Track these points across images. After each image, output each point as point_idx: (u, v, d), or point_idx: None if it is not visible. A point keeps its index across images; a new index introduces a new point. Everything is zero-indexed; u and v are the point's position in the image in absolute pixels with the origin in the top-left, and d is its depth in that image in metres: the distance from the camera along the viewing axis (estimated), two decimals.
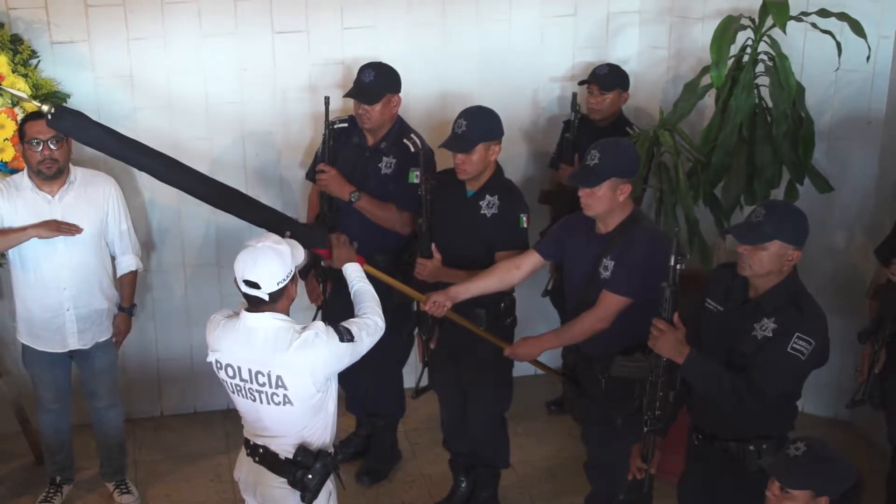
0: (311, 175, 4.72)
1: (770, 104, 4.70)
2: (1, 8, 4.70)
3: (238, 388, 3.43)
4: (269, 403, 3.39)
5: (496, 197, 4.24)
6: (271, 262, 3.33)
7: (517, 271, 4.13)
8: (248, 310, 3.40)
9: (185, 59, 5.00)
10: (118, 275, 4.62)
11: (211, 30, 4.97)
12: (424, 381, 4.58)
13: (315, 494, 3.48)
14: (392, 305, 4.43)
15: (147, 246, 5.11)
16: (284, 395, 3.37)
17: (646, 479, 3.73)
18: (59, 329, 4.46)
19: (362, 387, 5.00)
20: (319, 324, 3.46)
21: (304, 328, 3.41)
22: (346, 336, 3.44)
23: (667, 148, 4.68)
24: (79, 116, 3.78)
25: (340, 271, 4.63)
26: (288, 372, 3.34)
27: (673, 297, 3.47)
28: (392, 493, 4.95)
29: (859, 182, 5.08)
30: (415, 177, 4.45)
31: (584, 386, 4.14)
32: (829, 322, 3.49)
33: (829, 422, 5.31)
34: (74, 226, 4.28)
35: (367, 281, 3.79)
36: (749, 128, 4.73)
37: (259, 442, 3.50)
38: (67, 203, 4.35)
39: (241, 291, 3.39)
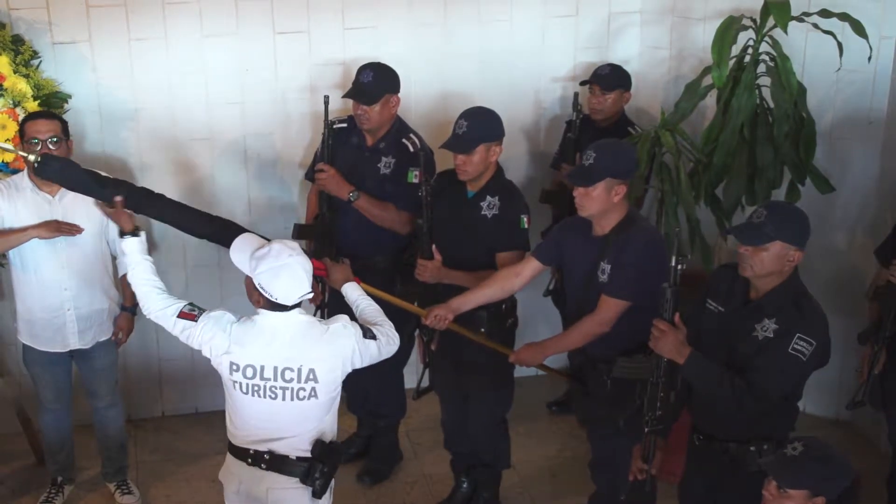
0: (311, 175, 4.73)
1: (771, 104, 4.70)
2: (2, 8, 4.71)
3: (256, 388, 3.40)
4: (292, 399, 3.39)
5: (497, 198, 4.24)
6: (307, 268, 3.38)
7: (517, 278, 4.13)
8: (271, 310, 3.38)
9: (186, 60, 5.00)
10: (120, 274, 4.62)
11: (212, 30, 4.98)
12: (425, 383, 4.57)
13: (325, 487, 3.49)
14: (393, 307, 4.44)
15: (148, 246, 5.10)
16: (312, 389, 3.38)
17: (647, 480, 3.72)
18: (59, 329, 4.46)
19: (363, 387, 5.00)
20: (344, 316, 3.49)
21: (327, 321, 3.47)
22: (368, 334, 3.49)
23: (668, 148, 4.68)
24: (65, 163, 3.78)
25: None
26: (322, 363, 3.37)
27: (674, 297, 3.47)
28: (393, 494, 4.95)
29: (860, 182, 5.08)
30: (414, 177, 4.46)
31: (590, 386, 4.15)
32: (830, 322, 3.49)
33: (830, 422, 5.31)
34: (75, 226, 4.28)
35: (369, 298, 3.79)
36: (750, 128, 4.73)
37: (262, 448, 3.46)
38: (68, 203, 4.34)
39: (276, 303, 3.36)
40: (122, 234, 3.70)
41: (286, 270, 3.32)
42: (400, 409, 5.07)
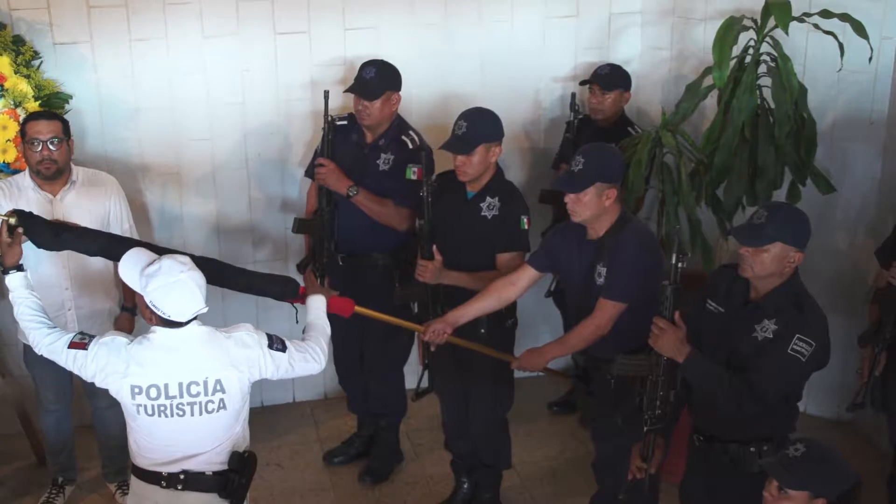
0: (310, 172, 4.73)
1: (772, 105, 4.70)
2: (3, 9, 4.71)
3: (163, 408, 3.29)
4: (201, 414, 3.31)
5: (496, 198, 4.24)
6: (200, 283, 3.28)
7: (513, 288, 4.13)
8: (168, 326, 3.28)
9: (186, 60, 5.00)
10: None
11: (213, 31, 4.98)
12: (425, 383, 4.57)
13: (243, 498, 3.46)
14: (394, 306, 4.44)
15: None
16: (221, 401, 3.31)
17: (646, 479, 3.72)
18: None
19: (363, 387, 5.01)
20: (247, 325, 3.41)
21: (229, 329, 3.38)
22: (276, 344, 3.40)
23: (669, 149, 4.68)
24: (36, 219, 3.67)
25: (340, 265, 4.66)
26: (227, 373, 3.30)
27: (674, 295, 3.47)
28: (394, 494, 4.95)
29: (861, 183, 5.07)
30: (412, 173, 4.47)
31: (594, 386, 4.15)
32: (831, 323, 3.49)
33: (832, 423, 5.30)
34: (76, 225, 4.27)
35: (324, 318, 3.70)
36: (751, 129, 4.73)
37: (175, 469, 3.37)
38: (69, 203, 4.34)
39: (170, 321, 3.26)
40: (6, 269, 3.53)
41: (178, 287, 3.22)
42: (401, 408, 5.07)
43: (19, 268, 3.53)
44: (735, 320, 3.49)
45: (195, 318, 3.31)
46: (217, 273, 3.76)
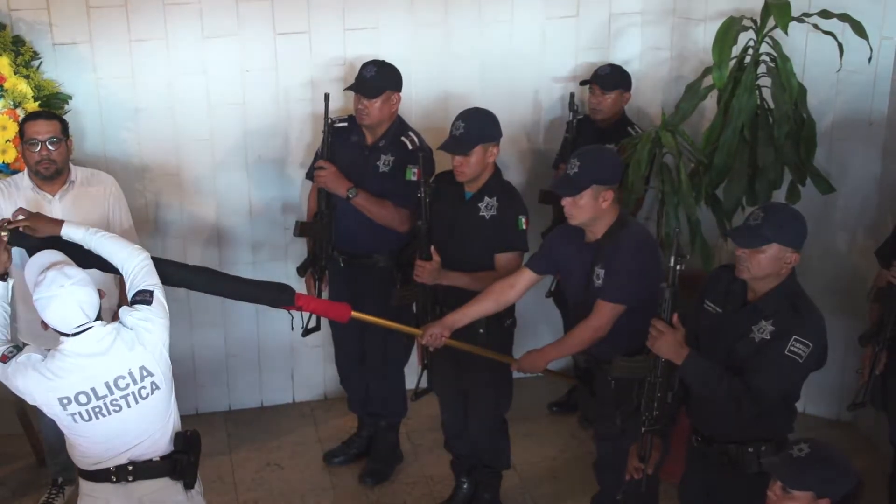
0: (311, 174, 4.73)
1: (772, 105, 4.70)
2: (3, 9, 4.71)
3: (97, 409, 3.28)
4: (137, 402, 3.31)
5: (495, 199, 4.24)
6: (83, 297, 3.23)
7: (512, 291, 4.14)
8: (71, 336, 3.24)
9: (186, 61, 5.00)
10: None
11: (212, 31, 4.98)
12: (423, 383, 4.57)
13: (195, 476, 3.48)
14: (392, 307, 4.45)
15: (148, 247, 5.09)
16: (152, 383, 3.32)
17: (643, 480, 3.72)
18: None
19: (363, 386, 5.01)
20: (124, 307, 3.38)
21: (117, 321, 3.34)
22: (147, 296, 3.37)
23: (669, 149, 4.68)
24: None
25: (341, 266, 4.67)
26: (147, 357, 3.30)
27: (672, 297, 3.47)
28: (394, 495, 4.95)
29: (861, 183, 5.07)
30: (412, 174, 4.47)
31: (595, 387, 4.15)
32: (831, 323, 3.49)
33: (832, 423, 5.30)
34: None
35: (108, 235, 3.63)
36: (751, 129, 4.73)
37: (122, 461, 3.38)
38: (68, 202, 4.35)
39: (62, 334, 3.25)
40: None
41: (54, 301, 3.20)
42: (401, 408, 5.07)
43: (3, 278, 3.53)
44: (732, 321, 3.48)
45: (96, 322, 3.26)
46: (210, 282, 3.78)
